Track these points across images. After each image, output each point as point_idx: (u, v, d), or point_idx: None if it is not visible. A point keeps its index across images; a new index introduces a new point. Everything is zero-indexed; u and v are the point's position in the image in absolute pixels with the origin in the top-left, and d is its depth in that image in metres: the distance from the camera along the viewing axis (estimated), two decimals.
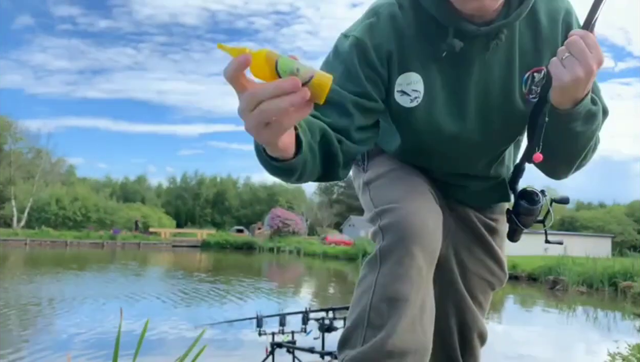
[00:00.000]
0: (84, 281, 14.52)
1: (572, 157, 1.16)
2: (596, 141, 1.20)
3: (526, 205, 1.25)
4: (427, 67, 1.14)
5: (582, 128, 1.07)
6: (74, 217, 46.33)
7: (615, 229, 50.00)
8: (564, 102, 1.02)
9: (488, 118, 1.17)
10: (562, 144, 1.10)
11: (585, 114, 1.05)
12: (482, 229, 1.44)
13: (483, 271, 1.44)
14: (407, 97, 1.15)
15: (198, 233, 48.00)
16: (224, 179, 73.87)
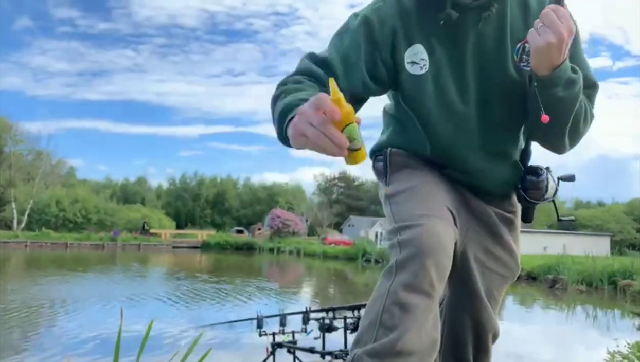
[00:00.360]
0: (86, 283, 14.55)
1: (561, 124, 1.25)
2: (586, 112, 1.31)
3: (532, 178, 1.39)
4: (428, 38, 1.28)
5: (563, 93, 1.18)
6: (74, 219, 46.27)
7: (614, 227, 49.99)
8: (542, 67, 1.15)
9: (486, 82, 1.29)
10: (549, 111, 1.20)
11: (566, 80, 1.17)
12: (498, 223, 1.46)
13: (498, 266, 1.45)
14: (417, 65, 1.29)
15: (198, 234, 47.97)
16: (223, 179, 73.82)
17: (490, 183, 1.43)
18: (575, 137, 1.32)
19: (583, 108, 1.28)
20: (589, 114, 1.32)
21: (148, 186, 73.84)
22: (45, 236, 39.43)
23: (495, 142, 1.36)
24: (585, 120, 1.31)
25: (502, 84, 1.29)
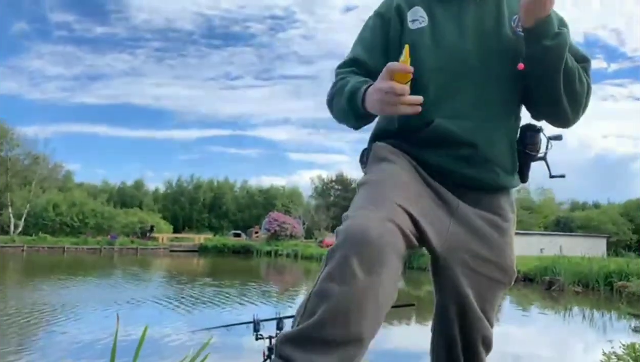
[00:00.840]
0: (84, 287, 14.54)
1: (554, 78, 1.33)
2: (580, 74, 1.37)
3: (531, 133, 1.48)
4: (429, 4, 1.45)
5: (551, 43, 1.29)
6: (71, 223, 46.16)
7: (610, 229, 50.08)
8: (529, 20, 1.29)
9: (484, 41, 1.36)
10: (540, 63, 1.32)
11: (553, 32, 1.29)
12: (487, 226, 1.44)
13: (489, 269, 1.43)
14: (416, 22, 1.44)
15: (195, 238, 47.93)
16: (220, 183, 73.75)
17: (486, 148, 1.41)
18: (573, 97, 1.38)
19: (576, 67, 1.35)
20: (583, 76, 1.38)
21: (145, 190, 73.71)
22: (42, 240, 39.36)
23: (492, 98, 1.38)
24: (581, 80, 1.37)
25: (500, 46, 1.36)
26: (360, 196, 1.35)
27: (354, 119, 1.45)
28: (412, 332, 8.71)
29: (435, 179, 1.43)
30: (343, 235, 1.20)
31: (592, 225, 51.34)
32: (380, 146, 1.49)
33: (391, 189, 1.33)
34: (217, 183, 73.52)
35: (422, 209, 1.34)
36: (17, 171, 49.43)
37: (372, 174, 1.42)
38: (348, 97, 1.38)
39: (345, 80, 1.44)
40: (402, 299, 1.98)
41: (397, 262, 1.23)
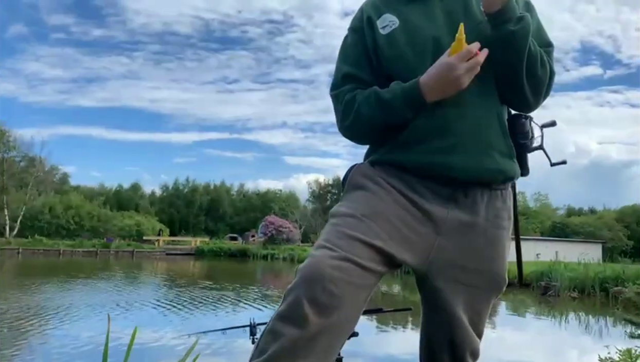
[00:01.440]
0: (79, 290, 14.49)
1: (518, 61, 1.36)
2: (542, 58, 1.40)
3: (519, 121, 1.47)
4: (397, 9, 1.48)
5: (514, 27, 1.33)
6: (67, 226, 46.09)
7: (606, 234, 50.19)
8: (492, 4, 1.33)
9: (456, 24, 1.35)
10: (504, 48, 1.35)
11: (516, 17, 1.33)
12: (478, 237, 1.42)
13: (477, 279, 1.43)
14: (387, 27, 1.47)
15: (192, 241, 47.89)
16: (217, 186, 73.74)
17: (477, 133, 1.39)
18: (535, 82, 1.41)
19: (538, 52, 1.39)
20: (546, 61, 1.41)
21: (142, 193, 73.63)
22: (37, 242, 39.27)
23: (473, 83, 1.36)
24: (543, 66, 1.40)
25: (473, 31, 1.34)
26: (325, 232, 1.36)
27: (393, 122, 1.42)
28: (408, 336, 8.70)
29: (426, 185, 1.41)
30: (298, 276, 1.24)
31: (588, 231, 51.47)
32: (357, 171, 1.49)
33: (356, 224, 1.34)
34: (213, 186, 73.48)
35: (395, 235, 1.35)
36: (13, 173, 49.32)
37: (342, 205, 1.43)
38: (392, 96, 1.39)
39: (365, 96, 1.44)
40: (399, 303, 1.98)
41: (356, 298, 1.27)
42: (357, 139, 1.56)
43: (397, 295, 15.90)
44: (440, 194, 1.41)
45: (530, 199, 69.51)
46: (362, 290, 1.28)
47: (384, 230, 1.34)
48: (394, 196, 1.41)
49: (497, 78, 1.41)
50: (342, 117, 1.50)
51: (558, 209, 71.82)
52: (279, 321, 1.22)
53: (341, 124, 1.52)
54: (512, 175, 1.45)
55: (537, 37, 1.43)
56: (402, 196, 1.41)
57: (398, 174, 1.43)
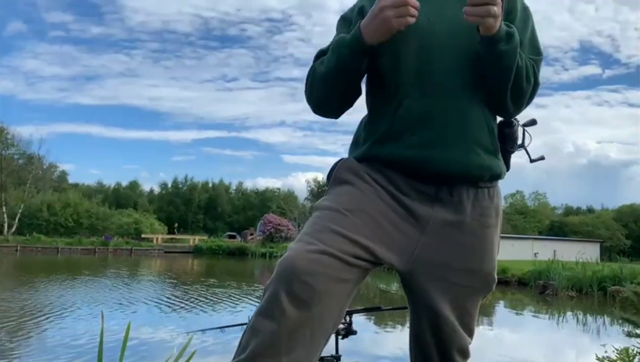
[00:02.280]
0: (77, 287, 14.49)
1: (507, 76, 1.35)
2: (527, 71, 1.39)
3: (507, 130, 1.49)
4: None
5: (505, 47, 1.32)
6: (65, 224, 46.05)
7: (604, 234, 50.30)
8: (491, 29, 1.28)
9: (451, 23, 1.36)
10: (492, 65, 1.34)
11: (506, 36, 1.31)
12: (464, 235, 1.40)
13: (464, 278, 1.41)
14: None
15: (190, 239, 47.87)
16: (216, 185, 73.73)
17: (462, 127, 1.38)
18: (518, 95, 1.40)
19: (525, 67, 1.37)
20: (531, 74, 1.40)
21: (140, 191, 73.65)
22: (36, 240, 39.23)
23: (464, 79, 1.36)
24: (528, 80, 1.39)
25: (467, 28, 1.33)
26: (306, 225, 1.35)
27: (346, 74, 1.41)
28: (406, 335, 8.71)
29: (410, 184, 1.40)
30: (276, 270, 1.24)
31: (586, 230, 51.57)
32: (342, 166, 1.47)
33: (338, 218, 1.32)
34: (212, 185, 73.50)
35: (378, 232, 1.34)
36: (11, 171, 49.26)
37: (326, 199, 1.42)
38: (339, 44, 1.39)
39: (323, 58, 1.46)
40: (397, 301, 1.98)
41: (337, 292, 1.25)
42: (318, 106, 1.52)
43: (395, 293, 15.91)
44: (425, 193, 1.39)
45: (529, 198, 69.63)
46: (343, 284, 1.26)
47: (367, 226, 1.33)
48: (379, 193, 1.39)
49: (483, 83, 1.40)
50: (305, 86, 1.51)
51: (556, 208, 71.98)
52: (259, 317, 1.22)
53: (305, 94, 1.53)
54: (498, 172, 1.44)
55: (530, 45, 1.44)
56: (387, 193, 1.39)
57: (383, 170, 1.41)
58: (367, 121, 1.51)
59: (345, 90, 1.46)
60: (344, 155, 1.57)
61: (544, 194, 70.28)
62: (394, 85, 1.40)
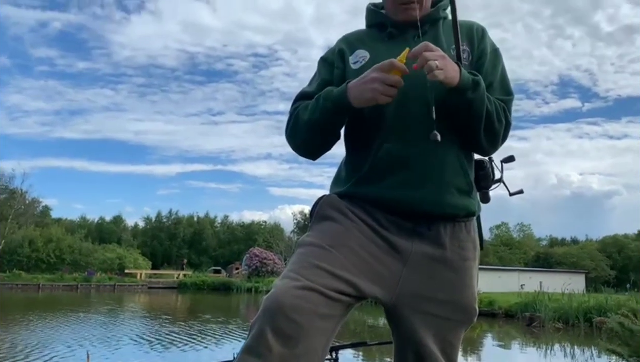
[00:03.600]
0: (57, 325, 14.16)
1: (478, 120, 1.42)
2: (498, 113, 1.46)
3: (480, 172, 1.56)
4: (372, 46, 1.56)
5: (472, 95, 1.38)
6: (47, 259, 45.22)
7: (588, 264, 50.60)
8: (452, 80, 1.35)
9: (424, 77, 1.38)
10: (462, 112, 1.41)
11: (472, 83, 1.38)
12: (445, 269, 1.44)
13: (446, 310, 1.44)
14: (358, 62, 1.54)
15: (174, 274, 47.24)
16: (201, 218, 73.23)
17: (438, 170, 1.44)
18: (491, 135, 1.47)
19: (494, 110, 1.44)
20: (502, 115, 1.47)
21: (124, 225, 72.87)
22: (16, 277, 38.40)
23: (438, 123, 1.39)
24: (499, 120, 1.46)
25: (437, 83, 1.36)
26: (291, 262, 1.38)
27: (328, 125, 1.47)
28: None
29: (390, 219, 1.44)
30: (262, 307, 1.25)
31: (570, 261, 51.85)
32: (325, 202, 1.51)
33: (322, 253, 1.35)
34: (197, 218, 73.00)
35: (361, 266, 1.36)
36: None
37: (310, 235, 1.45)
38: (325, 97, 1.44)
39: (306, 103, 1.51)
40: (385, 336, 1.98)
41: (322, 328, 1.26)
42: (298, 147, 1.58)
43: (382, 327, 15.76)
44: (404, 228, 1.44)
45: (514, 229, 70.02)
46: (328, 320, 1.28)
47: (351, 261, 1.36)
48: (361, 228, 1.43)
49: (457, 129, 1.46)
50: (286, 125, 1.57)
51: (541, 239, 72.42)
52: (245, 354, 1.22)
53: (285, 133, 1.58)
54: (473, 210, 1.51)
55: (499, 87, 1.52)
56: (369, 228, 1.44)
57: (364, 206, 1.46)
58: (348, 161, 1.57)
59: (325, 137, 1.53)
60: (330, 187, 1.61)
61: (529, 226, 70.77)
62: (374, 130, 1.47)
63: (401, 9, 1.54)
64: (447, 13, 1.61)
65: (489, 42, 1.57)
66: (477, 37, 1.56)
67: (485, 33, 1.60)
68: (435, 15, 1.59)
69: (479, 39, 1.56)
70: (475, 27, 1.58)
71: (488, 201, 1.59)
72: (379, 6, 1.65)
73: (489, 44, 1.58)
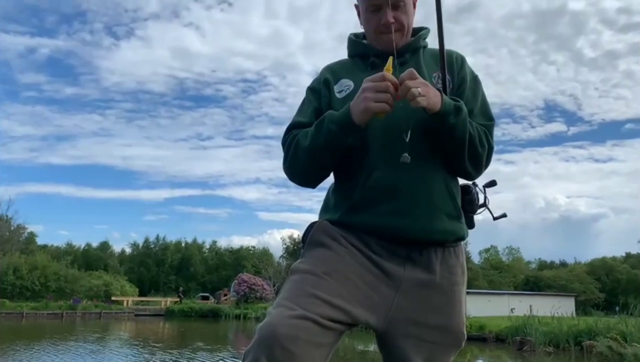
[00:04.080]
0: (40, 355, 13.87)
1: (461, 145, 1.46)
2: (481, 137, 1.50)
3: (466, 197, 1.59)
4: (356, 75, 1.60)
5: (454, 120, 1.42)
6: (32, 287, 44.44)
7: (577, 288, 50.72)
8: (434, 106, 1.39)
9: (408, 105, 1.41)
10: (445, 137, 1.45)
11: (454, 109, 1.42)
12: (435, 294, 1.47)
13: (436, 335, 1.47)
14: (343, 91, 1.59)
15: (162, 301, 46.61)
16: (189, 244, 72.61)
17: (427, 196, 1.47)
18: (475, 160, 1.51)
19: (477, 132, 1.49)
20: (484, 140, 1.51)
21: (111, 251, 72.04)
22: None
23: (424, 149, 1.45)
24: (482, 145, 1.50)
25: (421, 110, 1.41)
26: (284, 289, 1.39)
27: (333, 148, 1.48)
28: None
29: (382, 245, 1.47)
30: (256, 336, 1.26)
31: (560, 284, 51.95)
32: (318, 228, 1.54)
33: (316, 281, 1.37)
34: (185, 244, 72.42)
35: (355, 293, 1.39)
36: None
37: (303, 262, 1.47)
38: (330, 120, 1.46)
39: (305, 131, 1.53)
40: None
41: (316, 357, 1.27)
42: (299, 176, 1.59)
43: (373, 353, 15.60)
44: (396, 253, 1.47)
45: (503, 253, 70.20)
46: (322, 348, 1.29)
47: (344, 288, 1.38)
48: (354, 254, 1.46)
49: (442, 155, 1.51)
50: (284, 155, 1.58)
51: (530, 262, 72.59)
52: None
53: (283, 164, 1.59)
54: (462, 235, 1.55)
55: (480, 113, 1.56)
56: (361, 254, 1.46)
57: (356, 233, 1.49)
58: (337, 189, 1.60)
59: (329, 164, 1.55)
60: (318, 211, 1.63)
61: (518, 249, 71.02)
62: (363, 158, 1.49)
63: (381, 38, 1.58)
64: (427, 42, 1.69)
65: (468, 70, 1.62)
66: (457, 66, 1.62)
67: (464, 61, 1.65)
68: (416, 44, 1.64)
69: (459, 67, 1.61)
70: (454, 56, 1.64)
71: (473, 226, 1.63)
72: (360, 36, 1.71)
73: (469, 71, 1.63)
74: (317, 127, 1.48)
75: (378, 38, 1.60)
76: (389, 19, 1.54)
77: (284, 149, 1.58)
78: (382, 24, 1.56)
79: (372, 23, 1.59)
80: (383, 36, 1.57)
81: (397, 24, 1.56)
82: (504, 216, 1.67)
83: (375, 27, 1.58)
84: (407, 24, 1.60)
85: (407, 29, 1.60)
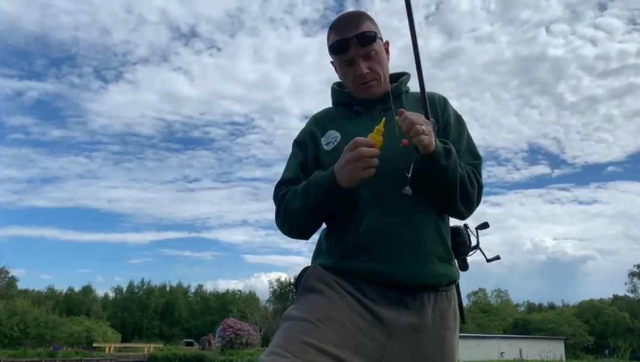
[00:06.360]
0: None
1: (453, 186, 1.48)
2: (470, 177, 1.53)
3: (456, 239, 1.60)
4: (341, 125, 1.64)
5: (446, 162, 1.44)
6: (10, 334, 43.20)
7: (566, 330, 50.44)
8: (428, 148, 1.40)
9: (397, 142, 1.44)
10: (437, 179, 1.47)
11: (444, 151, 1.45)
12: (427, 340, 1.47)
13: None
14: (330, 143, 1.62)
15: (145, 347, 45.50)
16: (174, 288, 71.42)
17: (418, 241, 1.49)
18: (465, 199, 1.53)
19: (466, 172, 1.52)
20: (473, 179, 1.54)
21: (94, 296, 70.52)
22: None
23: (415, 194, 1.43)
24: (472, 184, 1.53)
25: (411, 146, 1.43)
26: (276, 336, 1.40)
27: (321, 209, 1.51)
28: None
29: (376, 291, 1.47)
30: None
31: (549, 327, 51.63)
32: (311, 274, 1.54)
33: (308, 328, 1.37)
34: (169, 288, 71.22)
35: (347, 340, 1.39)
36: None
37: (296, 308, 1.47)
38: (316, 182, 1.49)
39: (294, 188, 1.56)
40: None
41: None
42: (291, 232, 1.63)
43: None
44: (389, 298, 1.47)
45: (491, 295, 69.88)
46: None
47: (337, 335, 1.37)
48: (347, 300, 1.46)
49: (433, 196, 1.53)
50: (276, 213, 1.63)
51: (519, 305, 72.28)
52: None
53: (276, 221, 1.64)
54: (454, 278, 1.56)
55: (467, 152, 1.60)
56: (355, 300, 1.46)
57: (349, 279, 1.49)
58: (329, 234, 1.62)
59: (320, 219, 1.59)
60: (306, 254, 1.66)
61: (506, 291, 70.77)
62: (354, 205, 1.52)
63: (362, 89, 1.64)
64: (408, 87, 1.74)
65: (451, 111, 1.66)
66: (440, 108, 1.65)
67: (447, 102, 1.70)
68: (398, 90, 1.69)
69: (442, 109, 1.65)
70: (437, 98, 1.68)
71: (466, 268, 1.63)
72: (343, 85, 1.75)
73: (452, 112, 1.67)
74: (304, 191, 1.52)
75: (357, 89, 1.65)
76: (364, 70, 1.60)
77: (275, 204, 1.63)
78: (358, 75, 1.61)
79: (349, 77, 1.65)
80: (362, 87, 1.63)
81: (372, 74, 1.61)
82: (497, 258, 1.67)
83: (352, 80, 1.64)
84: (382, 71, 1.64)
85: (384, 76, 1.65)
